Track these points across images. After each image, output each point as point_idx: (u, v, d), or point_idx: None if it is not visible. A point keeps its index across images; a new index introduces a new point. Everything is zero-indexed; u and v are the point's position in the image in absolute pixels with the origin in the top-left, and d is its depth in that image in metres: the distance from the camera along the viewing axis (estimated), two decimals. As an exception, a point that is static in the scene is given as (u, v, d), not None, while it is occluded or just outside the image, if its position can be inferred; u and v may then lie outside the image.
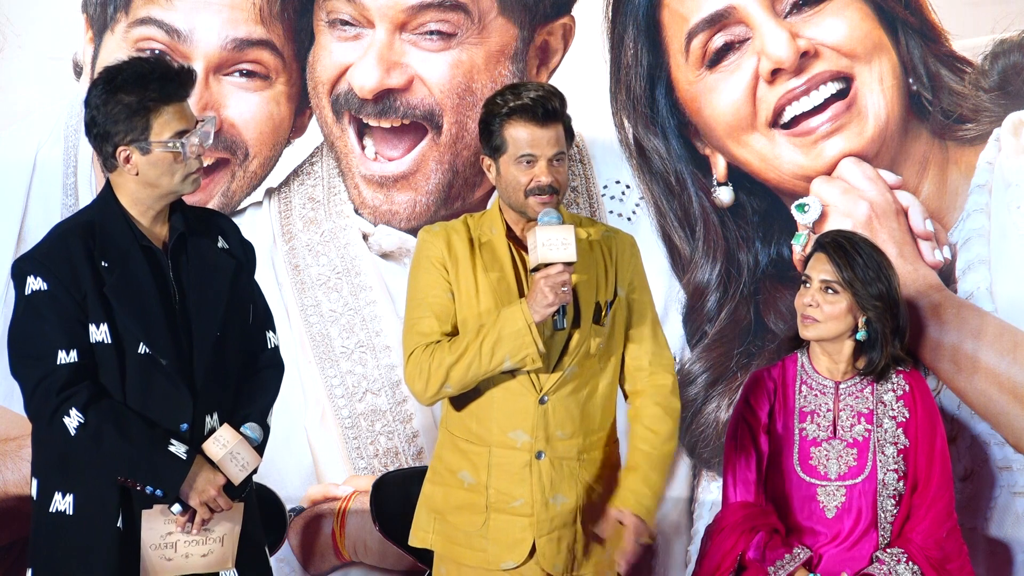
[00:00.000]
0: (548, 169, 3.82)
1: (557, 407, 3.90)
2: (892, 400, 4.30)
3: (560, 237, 3.73)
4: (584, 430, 3.93)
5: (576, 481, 3.93)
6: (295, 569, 5.14)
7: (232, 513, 3.78)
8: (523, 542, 3.91)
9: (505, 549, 3.92)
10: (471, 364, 3.82)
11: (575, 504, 3.92)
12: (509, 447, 3.91)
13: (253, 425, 3.79)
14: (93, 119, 3.67)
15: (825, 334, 4.26)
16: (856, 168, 4.89)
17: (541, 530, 3.90)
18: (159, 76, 3.67)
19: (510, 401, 3.90)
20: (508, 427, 3.90)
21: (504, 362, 3.80)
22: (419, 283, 3.96)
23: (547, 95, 3.84)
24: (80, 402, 3.59)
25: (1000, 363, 4.84)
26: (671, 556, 5.07)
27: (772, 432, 4.31)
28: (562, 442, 3.91)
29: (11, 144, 5.17)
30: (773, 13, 4.87)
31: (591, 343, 3.91)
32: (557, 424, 3.90)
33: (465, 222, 4.00)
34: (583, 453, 3.94)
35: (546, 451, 3.90)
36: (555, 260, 3.72)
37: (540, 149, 3.82)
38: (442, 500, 4.00)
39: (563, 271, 3.72)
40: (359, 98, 5.05)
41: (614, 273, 3.97)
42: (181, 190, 3.73)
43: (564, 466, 3.92)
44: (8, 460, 5.14)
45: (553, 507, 3.90)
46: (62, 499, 3.68)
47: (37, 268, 3.64)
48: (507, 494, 3.91)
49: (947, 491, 4.30)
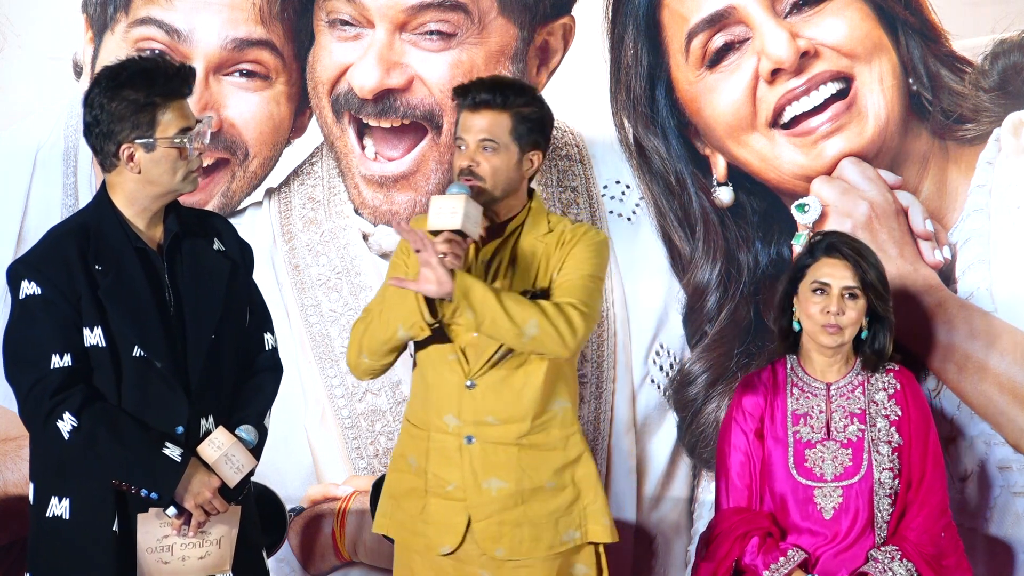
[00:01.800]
0: (471, 154, 3.87)
1: (486, 392, 3.90)
2: (884, 399, 4.31)
3: (449, 206, 3.75)
4: (522, 416, 3.92)
5: (516, 466, 3.92)
6: (295, 569, 5.14)
7: (229, 516, 3.78)
8: (457, 526, 3.93)
9: (442, 533, 3.95)
10: (375, 332, 3.88)
11: (515, 489, 3.92)
12: (443, 431, 3.94)
13: (248, 427, 3.79)
14: (96, 118, 3.67)
15: (847, 339, 4.29)
16: (856, 168, 4.89)
17: (477, 515, 3.92)
18: (163, 73, 3.68)
19: (442, 385, 3.94)
20: (442, 411, 3.94)
21: (398, 330, 3.84)
22: (388, 271, 4.05)
23: (486, 85, 3.90)
24: (74, 406, 3.59)
25: (1000, 363, 4.83)
26: (671, 556, 5.07)
27: (765, 436, 4.32)
28: (493, 428, 3.91)
29: (11, 144, 5.18)
30: (773, 13, 4.87)
31: None
32: (486, 409, 3.91)
33: None
34: (523, 438, 3.92)
35: (476, 436, 3.91)
36: (440, 227, 3.74)
37: (469, 134, 3.89)
38: (396, 485, 4.05)
39: (448, 238, 3.74)
40: (359, 98, 5.05)
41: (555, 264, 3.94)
42: (181, 189, 3.73)
43: (499, 451, 3.92)
44: (8, 460, 5.15)
45: (487, 492, 3.91)
46: (58, 503, 3.68)
47: (31, 272, 3.64)
48: (442, 478, 3.94)
49: (940, 488, 4.30)
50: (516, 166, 3.92)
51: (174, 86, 3.69)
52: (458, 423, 3.92)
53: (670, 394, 5.03)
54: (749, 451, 4.32)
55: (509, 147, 3.90)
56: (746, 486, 4.32)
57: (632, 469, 5.05)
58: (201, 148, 3.73)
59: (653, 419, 5.06)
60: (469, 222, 3.76)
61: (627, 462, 5.03)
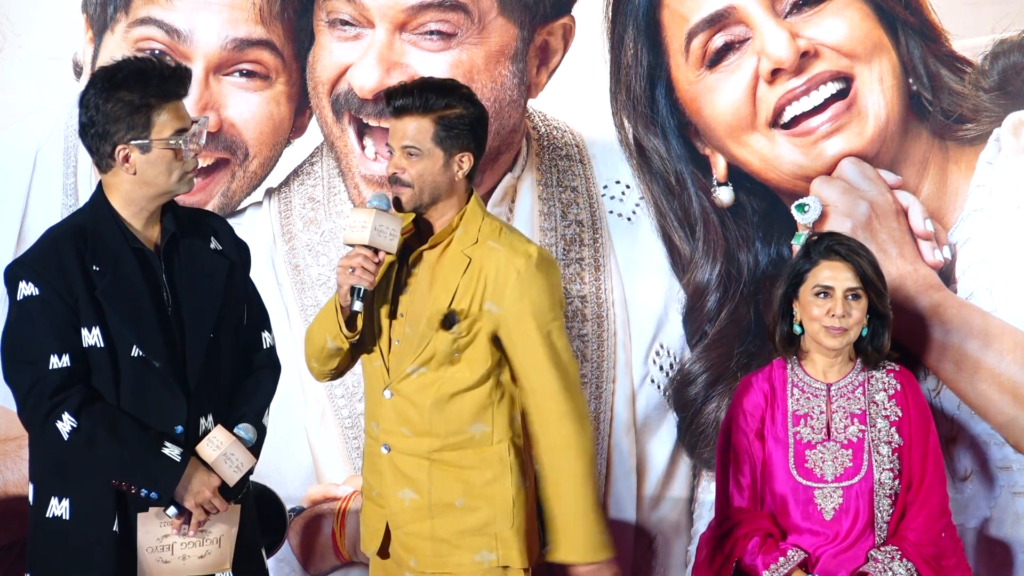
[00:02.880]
0: (396, 161, 3.88)
1: (401, 403, 3.93)
2: (884, 399, 4.31)
3: (360, 220, 3.82)
4: (435, 431, 3.92)
5: (426, 479, 3.93)
6: (295, 569, 5.14)
7: (229, 515, 3.78)
8: (379, 532, 4.01)
9: (369, 535, 4.06)
10: (312, 339, 4.01)
11: (426, 502, 3.93)
12: (371, 436, 4.03)
13: (247, 426, 3.79)
14: (91, 119, 3.67)
15: (852, 340, 4.29)
16: (856, 168, 4.89)
17: (394, 522, 3.98)
18: (159, 74, 3.67)
19: (371, 392, 4.03)
20: (370, 416, 4.03)
21: (327, 339, 3.94)
22: None
23: (407, 90, 3.89)
24: (72, 406, 3.59)
25: (1000, 363, 4.83)
26: (671, 556, 5.08)
27: (765, 437, 4.32)
28: (407, 439, 3.94)
29: (11, 144, 5.18)
30: (773, 13, 4.87)
31: (436, 346, 3.89)
32: (401, 420, 3.94)
33: None
34: (435, 453, 3.93)
35: (392, 445, 3.95)
36: (352, 242, 3.81)
37: (394, 140, 3.91)
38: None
39: (354, 254, 3.80)
40: (359, 98, 5.05)
41: (482, 287, 3.90)
42: (176, 190, 3.73)
43: (411, 463, 3.94)
44: (8, 460, 5.15)
45: (401, 501, 3.95)
46: (58, 504, 3.68)
47: (28, 273, 3.64)
48: (370, 482, 4.05)
49: (940, 488, 4.30)
50: (442, 170, 3.89)
51: (170, 87, 3.69)
52: (379, 430, 3.98)
53: (670, 394, 5.03)
54: (749, 451, 4.32)
55: (432, 152, 3.87)
56: (747, 486, 4.32)
57: (632, 469, 5.05)
58: (197, 149, 3.73)
59: (653, 419, 5.06)
60: (381, 236, 3.80)
61: (627, 462, 5.03)
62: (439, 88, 3.91)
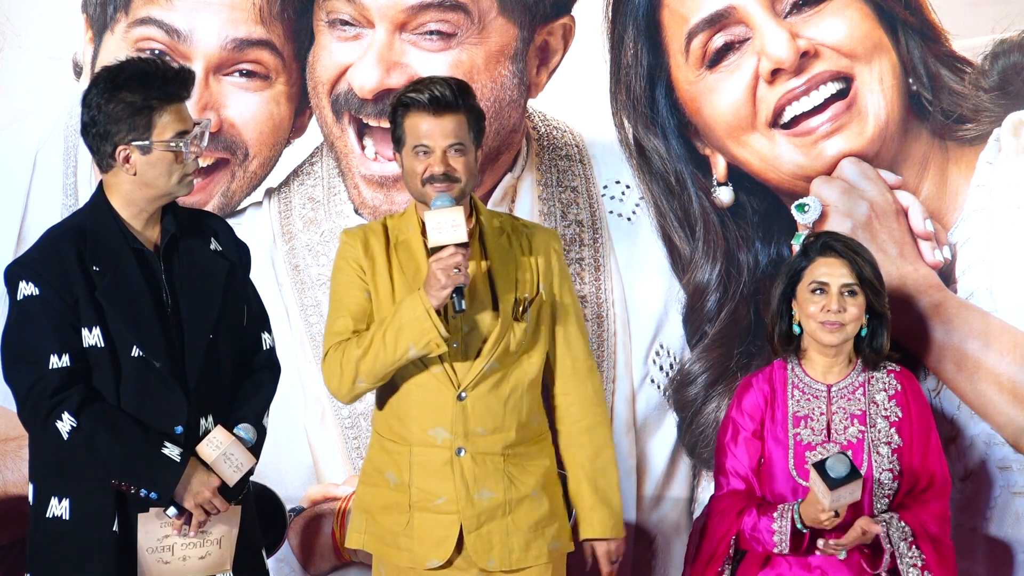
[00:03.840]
0: (442, 159, 3.87)
1: (476, 403, 3.93)
2: (884, 400, 4.31)
3: (449, 219, 3.77)
4: (508, 426, 3.96)
5: (503, 476, 3.95)
6: (295, 569, 5.14)
7: (229, 515, 3.78)
8: (447, 539, 3.95)
9: (430, 548, 3.96)
10: (377, 355, 3.86)
11: (503, 499, 3.95)
12: (429, 445, 3.95)
13: (247, 426, 3.79)
14: (93, 119, 3.67)
15: (849, 336, 4.28)
16: (856, 168, 4.89)
17: (469, 526, 3.94)
18: (161, 76, 3.68)
19: (429, 398, 3.94)
20: (427, 424, 3.95)
21: (409, 349, 3.83)
22: (337, 285, 4.04)
23: (443, 87, 3.90)
24: (72, 406, 3.60)
25: (1000, 363, 4.83)
26: (671, 556, 5.07)
27: (765, 437, 4.32)
28: (483, 438, 3.94)
29: (11, 144, 5.18)
30: (773, 13, 4.87)
31: (511, 339, 3.93)
32: (477, 420, 3.93)
33: (384, 223, 4.07)
34: (508, 448, 3.96)
35: (466, 447, 3.93)
36: (445, 242, 3.76)
37: (433, 140, 3.88)
38: (371, 500, 4.07)
39: (454, 252, 3.76)
40: (359, 98, 5.05)
41: (535, 270, 4.00)
42: (176, 192, 3.74)
43: (488, 462, 3.95)
44: (8, 460, 5.15)
45: (479, 502, 3.94)
46: (58, 504, 3.68)
47: (29, 273, 3.64)
48: (429, 492, 3.96)
49: (948, 487, 4.31)
50: (476, 163, 3.97)
51: (172, 89, 3.69)
52: (448, 436, 3.94)
53: (670, 394, 5.03)
54: (748, 451, 4.31)
55: (470, 146, 3.94)
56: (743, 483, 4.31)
57: (632, 469, 5.05)
58: (198, 152, 3.73)
59: (653, 419, 5.06)
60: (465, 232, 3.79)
61: (627, 462, 5.03)
62: (463, 86, 3.96)
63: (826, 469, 3.94)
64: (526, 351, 3.99)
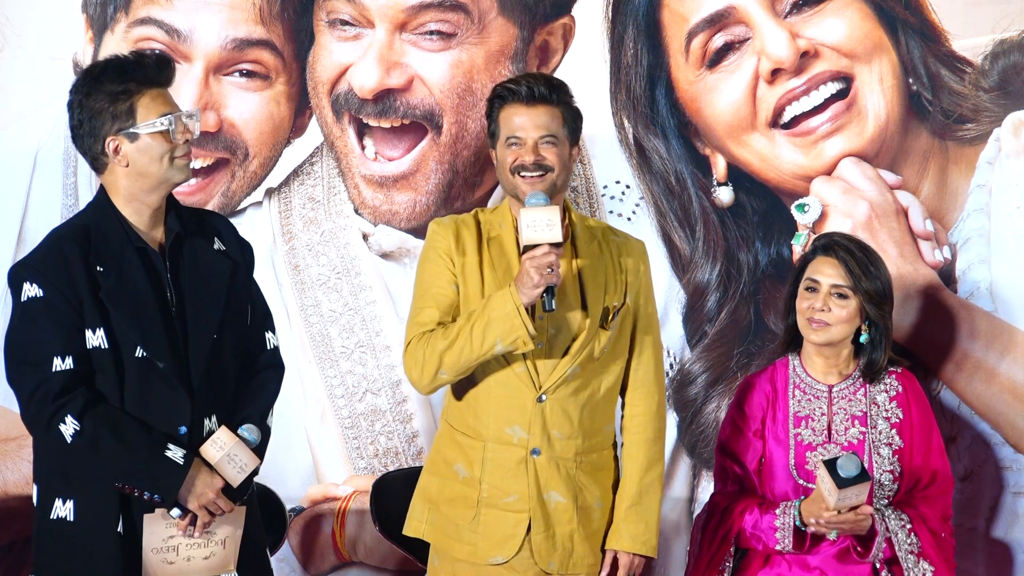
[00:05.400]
0: (533, 149, 3.85)
1: (555, 407, 3.91)
2: (885, 401, 4.30)
3: (545, 218, 3.73)
4: (582, 432, 3.95)
5: (572, 482, 3.94)
6: (295, 569, 5.14)
7: (234, 516, 3.78)
8: (514, 537, 3.93)
9: (495, 544, 3.93)
10: (463, 349, 3.82)
11: (571, 503, 3.94)
12: (505, 443, 3.92)
13: (250, 427, 3.79)
14: (79, 119, 3.67)
15: (834, 337, 4.25)
16: (856, 168, 4.89)
17: (538, 527, 3.92)
18: (136, 63, 3.68)
19: (509, 397, 3.91)
20: (505, 423, 3.92)
21: (495, 345, 3.80)
22: (424, 274, 3.99)
23: (540, 81, 3.89)
24: (76, 409, 3.59)
25: (999, 363, 4.84)
26: (671, 556, 5.08)
27: (766, 437, 4.32)
28: (559, 442, 3.92)
29: (11, 144, 5.17)
30: (773, 13, 4.87)
31: (595, 345, 3.92)
32: (554, 424, 3.91)
33: (476, 216, 4.02)
34: (580, 455, 3.95)
35: (543, 449, 3.91)
36: (540, 241, 3.73)
37: (525, 131, 3.86)
38: (437, 491, 4.02)
39: (548, 252, 3.73)
40: (359, 98, 5.05)
41: (624, 280, 3.99)
42: (172, 177, 3.71)
43: (560, 466, 3.93)
44: (8, 460, 5.14)
45: (548, 504, 3.92)
46: (63, 505, 3.67)
47: (32, 275, 3.63)
48: (500, 490, 3.93)
49: (950, 485, 4.31)
50: (568, 160, 3.94)
51: (149, 74, 3.68)
52: (525, 435, 3.91)
53: (670, 394, 5.03)
54: (749, 450, 4.31)
55: (564, 141, 3.90)
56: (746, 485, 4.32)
57: (632, 469, 5.05)
58: (189, 135, 3.71)
59: (653, 419, 5.05)
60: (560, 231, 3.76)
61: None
62: (560, 83, 3.95)
63: (837, 467, 3.93)
64: (607, 359, 3.97)
